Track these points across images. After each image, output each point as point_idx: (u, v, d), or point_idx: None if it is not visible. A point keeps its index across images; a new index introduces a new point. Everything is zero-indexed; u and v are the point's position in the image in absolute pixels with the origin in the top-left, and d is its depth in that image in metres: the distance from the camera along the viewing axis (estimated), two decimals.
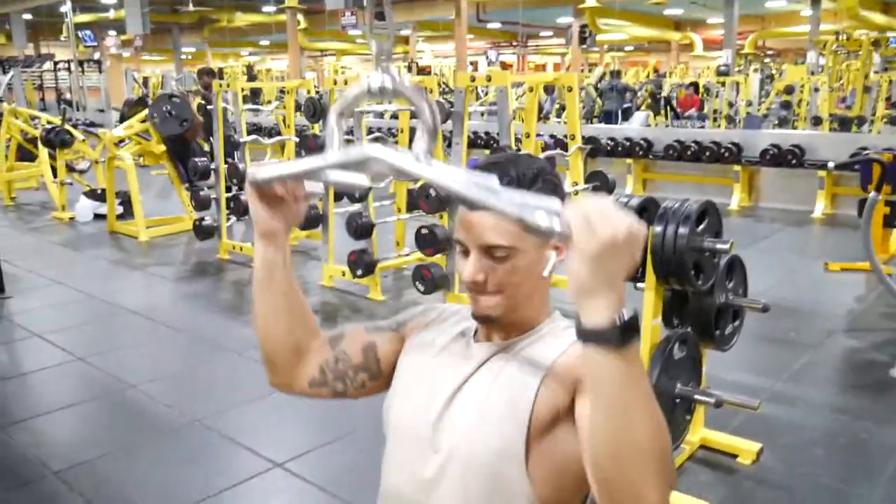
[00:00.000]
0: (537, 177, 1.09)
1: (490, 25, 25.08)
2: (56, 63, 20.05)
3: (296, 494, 2.85)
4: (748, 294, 2.99)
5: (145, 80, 18.57)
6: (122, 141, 7.69)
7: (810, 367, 3.97)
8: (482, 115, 11.74)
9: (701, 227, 2.58)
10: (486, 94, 13.22)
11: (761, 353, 4.05)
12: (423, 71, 21.08)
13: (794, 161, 8.15)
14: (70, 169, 8.84)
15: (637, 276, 2.71)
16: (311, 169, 1.06)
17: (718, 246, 2.55)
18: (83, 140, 8.51)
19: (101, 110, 16.72)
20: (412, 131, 5.79)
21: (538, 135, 5.93)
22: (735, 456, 2.94)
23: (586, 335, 0.82)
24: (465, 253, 1.09)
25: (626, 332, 0.81)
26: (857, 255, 5.68)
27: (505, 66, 25.45)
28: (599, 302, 0.81)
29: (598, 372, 0.83)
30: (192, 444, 3.18)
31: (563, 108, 13.01)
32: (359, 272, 5.14)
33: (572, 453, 1.01)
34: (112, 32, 21.21)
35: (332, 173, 1.04)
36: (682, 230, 2.49)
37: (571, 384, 1.03)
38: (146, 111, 7.46)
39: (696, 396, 2.67)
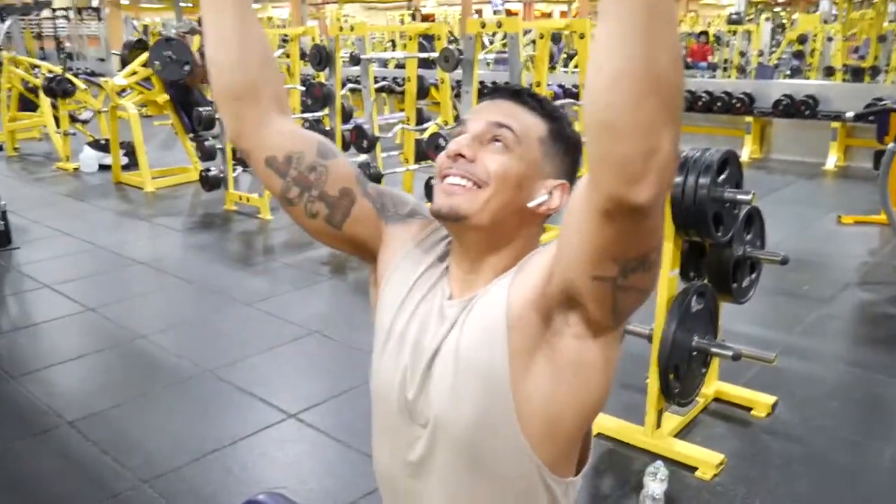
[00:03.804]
0: (570, 123, 1.04)
1: None
2: (54, 11, 19.69)
3: (310, 444, 2.86)
4: (765, 246, 2.95)
5: (145, 29, 18.26)
6: (124, 90, 7.57)
7: (824, 320, 3.95)
8: (488, 64, 11.54)
9: (722, 177, 2.52)
10: (492, 42, 12.98)
11: (774, 306, 4.02)
12: (426, 19, 20.67)
13: (807, 112, 8.03)
14: (73, 119, 8.74)
15: None
16: None
17: (740, 197, 2.50)
18: (85, 89, 8.39)
19: (102, 59, 16.46)
20: (420, 80, 5.68)
21: (547, 84, 5.82)
22: (749, 409, 2.94)
23: None
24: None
25: None
26: (871, 208, 5.63)
27: (510, 13, 24.99)
28: None
29: None
30: (205, 395, 3.18)
31: (570, 57, 12.82)
32: None
33: (557, 390, 0.92)
34: None
35: None
36: (703, 180, 2.44)
37: (547, 270, 0.90)
38: (146, 54, 7.30)
39: (714, 349, 2.65)
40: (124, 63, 8.27)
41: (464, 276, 1.01)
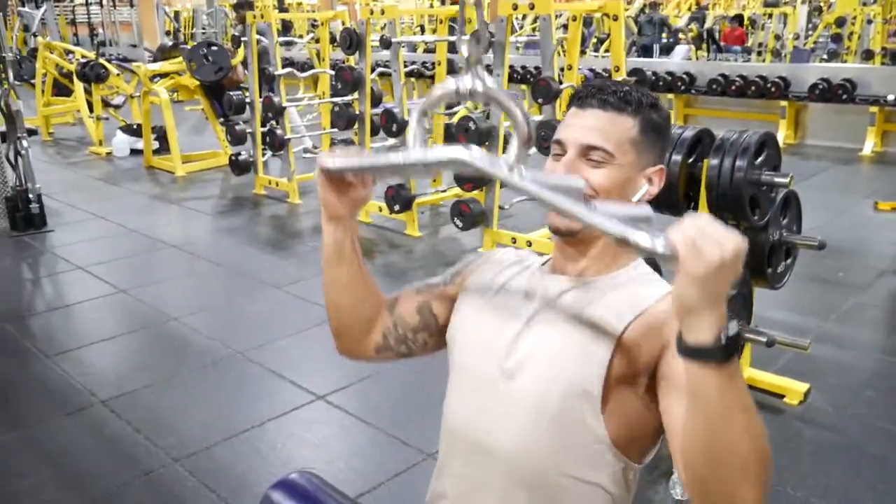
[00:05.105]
0: (655, 105, 1.09)
1: None
2: None
3: (338, 426, 2.87)
4: (801, 232, 2.89)
5: (176, 15, 18.39)
6: (156, 76, 7.64)
7: (859, 308, 3.87)
8: (517, 48, 11.43)
9: (759, 159, 2.47)
10: (522, 27, 12.86)
11: (808, 292, 3.95)
12: (456, 2, 20.50)
13: (844, 96, 7.84)
14: (106, 104, 8.84)
15: (689, 210, 2.62)
16: (389, 165, 1.04)
17: (777, 180, 2.45)
18: (118, 74, 8.48)
19: (134, 45, 16.64)
20: (450, 63, 5.65)
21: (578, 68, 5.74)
22: (782, 396, 2.89)
23: (689, 352, 0.81)
24: (559, 157, 1.08)
25: (729, 348, 0.79)
26: None
27: None
28: (703, 320, 0.79)
29: (699, 385, 0.82)
30: (235, 376, 3.21)
31: (600, 41, 12.66)
32: (396, 208, 5.10)
33: (648, 408, 1.01)
34: None
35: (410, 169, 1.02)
36: (740, 163, 2.39)
37: (659, 342, 0.99)
38: (180, 58, 7.40)
39: (748, 335, 2.61)
40: (155, 62, 8.35)
41: (563, 260, 1.13)
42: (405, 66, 6.03)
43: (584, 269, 1.10)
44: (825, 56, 11.66)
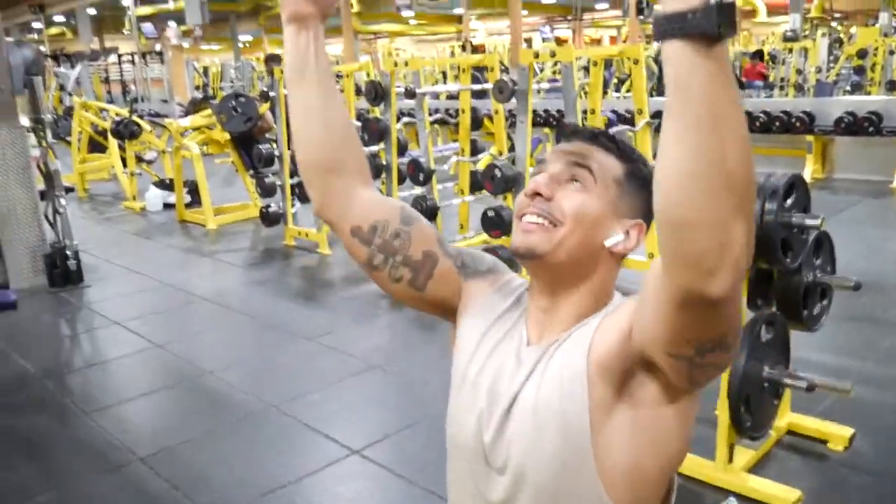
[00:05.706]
0: (644, 161, 1.04)
1: (544, 0, 24.68)
2: (120, 56, 20.60)
3: (374, 481, 2.86)
4: (836, 271, 2.85)
5: (205, 70, 18.90)
6: (187, 130, 7.83)
7: None
8: (538, 92, 11.54)
9: (789, 202, 2.46)
10: (542, 70, 13.01)
11: (845, 332, 3.88)
12: (477, 50, 20.86)
13: (871, 129, 7.79)
14: (139, 159, 9.07)
15: None
16: None
17: (808, 222, 2.43)
18: (150, 131, 8.71)
19: (165, 101, 17.09)
20: (474, 111, 5.72)
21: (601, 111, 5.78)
22: (825, 441, 2.83)
23: (670, 23, 0.65)
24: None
25: (721, 16, 0.63)
26: None
27: (560, 41, 25.06)
28: None
29: (684, 73, 0.66)
30: (271, 431, 3.22)
31: (621, 82, 12.75)
32: None
33: (638, 442, 0.92)
34: (172, 24, 21.60)
35: None
36: (770, 205, 2.38)
37: (626, 329, 0.89)
38: (209, 109, 7.61)
39: (786, 380, 2.57)
40: (187, 114, 8.58)
41: (542, 317, 1.02)
42: (429, 115, 6.12)
43: (562, 325, 1.00)
44: (848, 88, 11.62)
